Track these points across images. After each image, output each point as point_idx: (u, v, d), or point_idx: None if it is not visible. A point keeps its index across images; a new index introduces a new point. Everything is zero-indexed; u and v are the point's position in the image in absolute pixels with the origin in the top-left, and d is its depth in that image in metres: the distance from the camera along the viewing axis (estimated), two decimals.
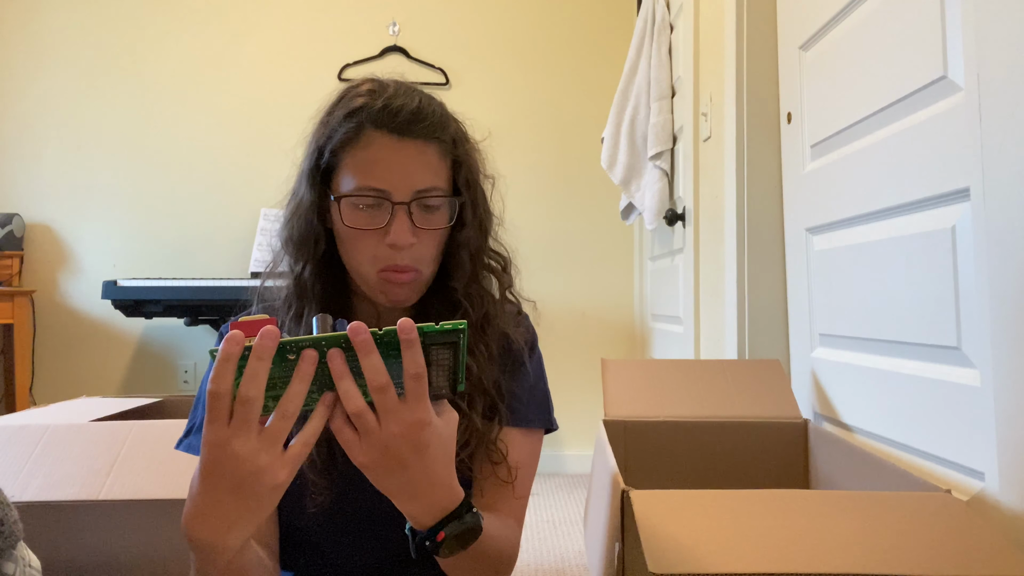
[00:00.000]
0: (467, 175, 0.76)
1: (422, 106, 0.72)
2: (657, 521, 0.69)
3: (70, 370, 2.76)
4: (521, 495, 0.79)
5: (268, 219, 2.66)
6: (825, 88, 1.35)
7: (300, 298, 0.77)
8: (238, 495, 0.51)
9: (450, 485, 0.59)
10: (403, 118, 0.70)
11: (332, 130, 0.72)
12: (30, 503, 0.91)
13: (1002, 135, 0.84)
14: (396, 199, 0.70)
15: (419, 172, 0.71)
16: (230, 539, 0.53)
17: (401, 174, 0.70)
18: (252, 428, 0.50)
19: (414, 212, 0.71)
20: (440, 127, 0.73)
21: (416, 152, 0.71)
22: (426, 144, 0.71)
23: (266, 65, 2.86)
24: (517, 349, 0.81)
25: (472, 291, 0.78)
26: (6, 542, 0.63)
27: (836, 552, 0.64)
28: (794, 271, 1.51)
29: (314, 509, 0.74)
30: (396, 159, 0.70)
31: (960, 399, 0.94)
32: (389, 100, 0.71)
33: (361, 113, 0.71)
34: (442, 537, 0.59)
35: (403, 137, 0.70)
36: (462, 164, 0.76)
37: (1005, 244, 0.83)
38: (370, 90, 0.73)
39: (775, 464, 1.23)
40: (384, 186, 0.70)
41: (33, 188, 2.77)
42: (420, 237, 0.72)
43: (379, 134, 0.70)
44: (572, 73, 2.94)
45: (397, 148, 0.70)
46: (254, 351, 0.50)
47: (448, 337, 0.54)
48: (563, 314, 2.89)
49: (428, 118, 0.71)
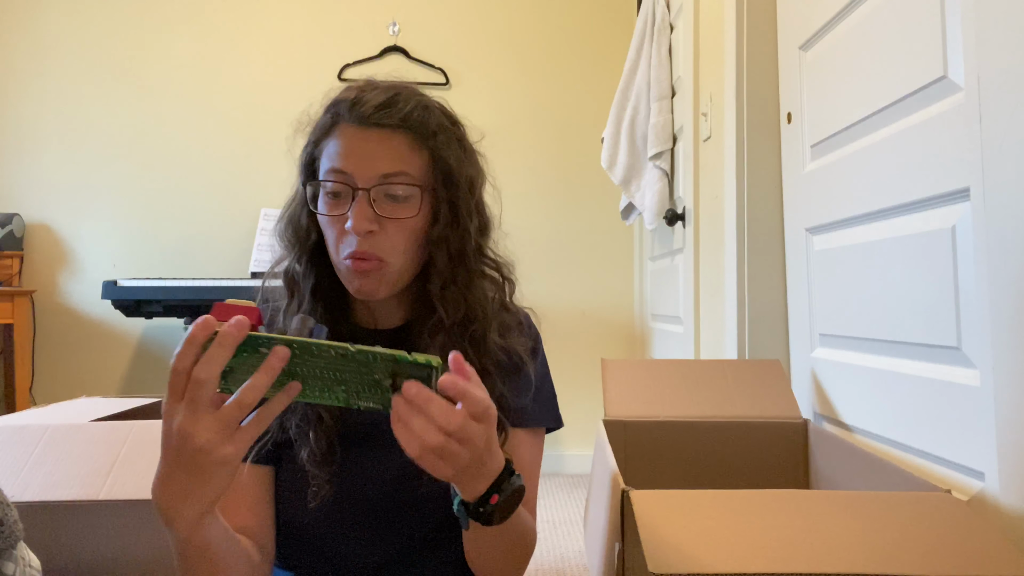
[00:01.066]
0: (448, 173, 0.74)
1: (395, 98, 0.72)
2: (657, 521, 0.69)
3: (70, 370, 2.76)
4: (530, 491, 0.80)
5: (268, 219, 2.66)
6: (825, 88, 1.35)
7: (293, 293, 0.78)
8: (187, 469, 0.53)
9: (497, 449, 0.61)
10: (368, 108, 0.71)
11: (315, 125, 0.76)
12: (30, 503, 0.91)
13: (1002, 135, 0.84)
14: (358, 185, 0.71)
15: (383, 159, 0.71)
16: (185, 510, 0.55)
17: (364, 160, 0.71)
18: (200, 407, 0.52)
19: (377, 200, 0.71)
20: (411, 117, 0.72)
21: (380, 139, 0.71)
22: (392, 132, 0.72)
23: (266, 65, 2.86)
24: (516, 355, 0.80)
25: (449, 295, 0.76)
26: (6, 542, 0.63)
27: (836, 552, 0.64)
28: (794, 271, 1.51)
29: (315, 503, 0.74)
30: (359, 147, 0.71)
31: (960, 399, 0.94)
32: (363, 93, 0.72)
33: (336, 106, 0.73)
34: (496, 500, 0.60)
35: (368, 126, 0.71)
36: (441, 160, 0.74)
37: (1005, 244, 0.83)
38: (354, 87, 0.75)
39: (775, 464, 1.23)
40: (347, 170, 0.71)
41: (33, 188, 2.77)
42: (384, 226, 0.72)
43: (348, 125, 0.72)
44: (572, 73, 2.94)
45: (362, 136, 0.71)
46: (218, 337, 0.52)
47: (418, 371, 0.54)
48: (563, 314, 2.90)
49: (397, 107, 0.72)
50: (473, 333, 0.77)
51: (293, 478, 0.77)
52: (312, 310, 0.77)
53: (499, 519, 0.61)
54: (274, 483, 0.79)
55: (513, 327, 0.82)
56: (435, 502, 0.76)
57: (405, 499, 0.76)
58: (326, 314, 0.78)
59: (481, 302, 0.78)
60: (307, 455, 0.74)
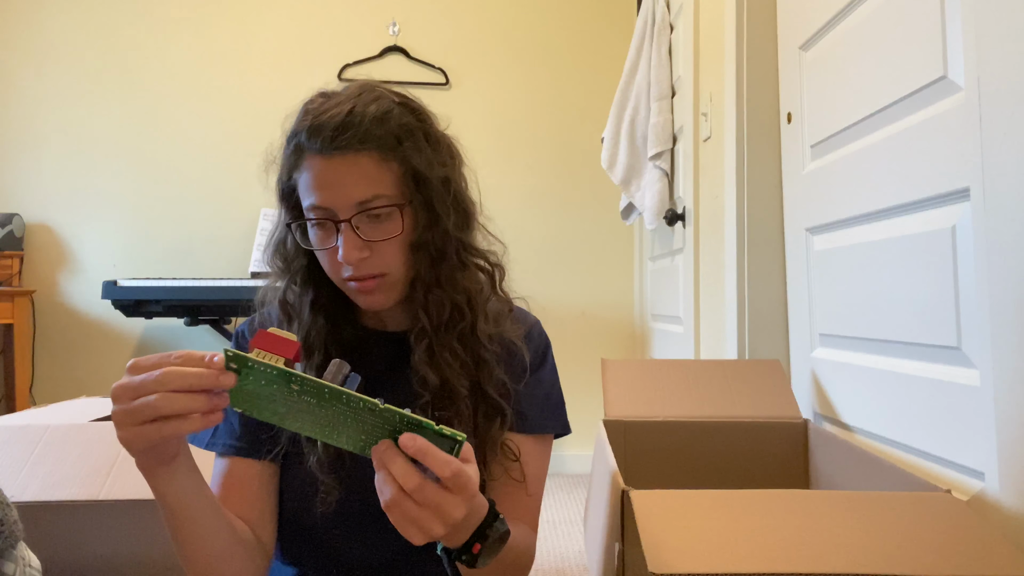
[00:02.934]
0: (417, 175, 0.72)
1: (351, 115, 0.69)
2: (657, 521, 0.69)
3: (70, 370, 2.76)
4: (534, 494, 0.80)
5: (268, 219, 2.66)
6: (825, 88, 1.35)
7: (288, 315, 0.79)
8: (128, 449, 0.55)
9: (480, 501, 0.59)
10: (326, 134, 0.69)
11: (283, 156, 0.74)
12: (30, 503, 0.91)
13: (1002, 135, 0.84)
14: (339, 217, 0.70)
15: (354, 185, 0.69)
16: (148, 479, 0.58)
17: (336, 191, 0.70)
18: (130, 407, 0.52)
19: (360, 225, 0.71)
20: (370, 133, 0.69)
21: (347, 166, 0.69)
22: (356, 155, 0.69)
23: (266, 65, 2.86)
24: (509, 341, 0.80)
25: (433, 299, 0.75)
26: (6, 542, 0.63)
27: (836, 552, 0.64)
28: (794, 271, 1.51)
29: (322, 508, 0.74)
30: (329, 177, 0.70)
31: (960, 399, 0.94)
32: (317, 117, 0.70)
33: (296, 136, 0.72)
34: (478, 549, 0.59)
35: (332, 154, 0.69)
36: (408, 165, 0.72)
37: (1005, 244, 0.83)
38: (308, 109, 0.72)
39: (775, 464, 1.23)
40: (325, 204, 0.70)
41: (33, 188, 2.77)
42: (374, 247, 0.71)
43: (311, 156, 0.70)
44: (572, 73, 2.94)
45: (327, 167, 0.69)
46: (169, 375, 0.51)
47: (443, 443, 0.53)
48: (563, 314, 2.89)
49: (354, 127, 0.69)
50: (462, 329, 0.77)
51: (302, 482, 0.77)
52: (312, 323, 0.77)
53: (483, 564, 0.60)
54: (278, 481, 0.79)
55: (504, 314, 0.82)
56: None
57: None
58: (329, 324, 0.78)
59: (469, 296, 0.77)
60: (315, 462, 0.74)
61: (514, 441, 0.79)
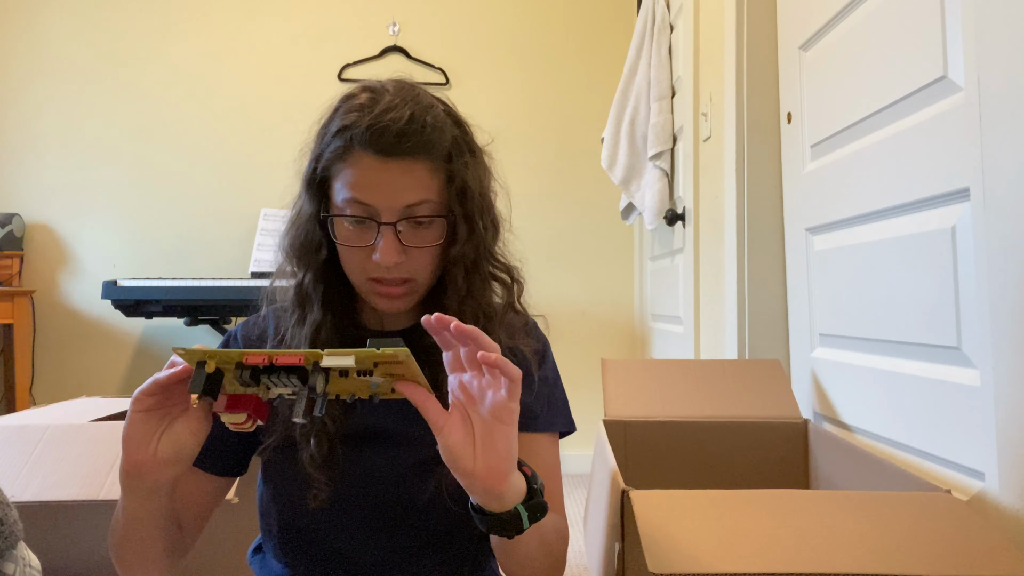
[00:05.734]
0: (462, 188, 0.74)
1: (413, 121, 0.69)
2: (657, 521, 0.69)
3: (70, 370, 2.76)
4: (554, 483, 0.81)
5: (268, 219, 2.66)
6: (825, 88, 1.35)
7: (302, 305, 0.78)
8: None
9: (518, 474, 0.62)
10: (389, 138, 0.68)
11: (325, 144, 0.73)
12: (30, 503, 0.91)
13: (1002, 135, 0.84)
14: (383, 219, 0.70)
15: (406, 190, 0.70)
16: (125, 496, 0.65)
17: (387, 194, 0.70)
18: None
19: (403, 230, 0.71)
20: (430, 142, 0.70)
21: (402, 171, 0.70)
22: (414, 161, 0.70)
23: (266, 65, 2.86)
24: (523, 356, 0.80)
25: (467, 309, 0.76)
26: (6, 542, 0.63)
27: (836, 552, 0.64)
28: (794, 271, 1.51)
29: (314, 505, 0.74)
30: (382, 179, 0.70)
31: (960, 399, 0.94)
32: (378, 117, 0.69)
33: (350, 131, 0.70)
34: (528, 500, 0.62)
35: (389, 157, 0.69)
36: (457, 177, 0.73)
37: (1005, 244, 0.83)
38: (361, 104, 0.71)
39: (775, 464, 1.23)
40: (371, 204, 0.70)
41: (33, 188, 2.77)
42: (410, 253, 0.72)
43: (366, 154, 0.69)
44: (572, 73, 2.94)
45: (383, 168, 0.69)
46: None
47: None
48: (563, 314, 2.90)
49: (416, 135, 0.69)
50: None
51: (294, 479, 0.77)
52: (323, 318, 0.77)
53: (528, 525, 0.62)
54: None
55: (519, 328, 0.82)
56: (435, 505, 0.76)
57: (405, 502, 0.77)
58: (335, 320, 0.78)
59: (491, 306, 0.79)
60: (307, 458, 0.74)
61: (525, 441, 0.79)
